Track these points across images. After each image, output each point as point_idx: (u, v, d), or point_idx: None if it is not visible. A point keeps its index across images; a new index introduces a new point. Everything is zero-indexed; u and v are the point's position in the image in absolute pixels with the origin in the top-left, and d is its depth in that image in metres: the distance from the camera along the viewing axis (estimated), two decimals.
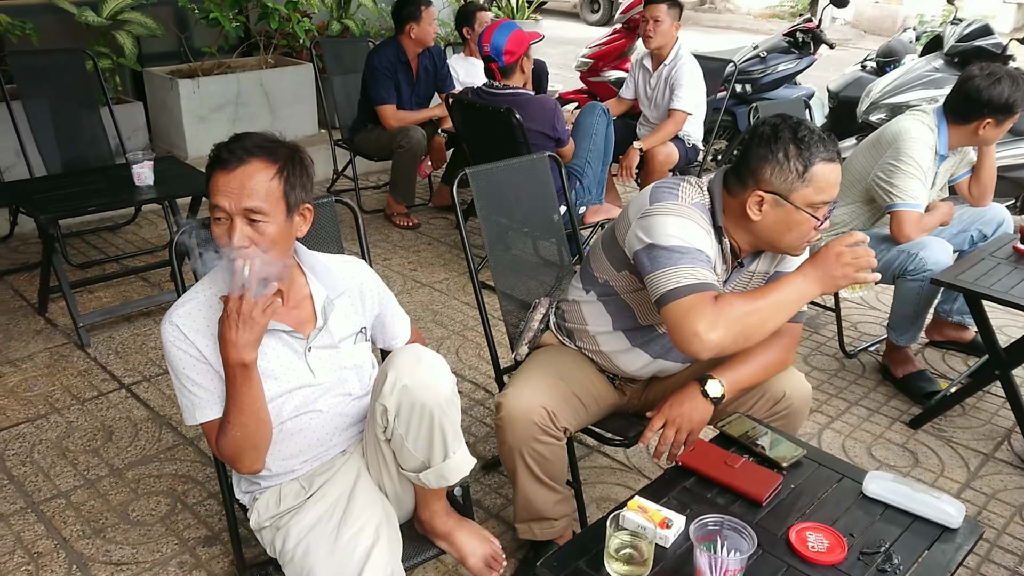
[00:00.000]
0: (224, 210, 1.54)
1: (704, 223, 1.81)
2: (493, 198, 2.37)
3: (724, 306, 1.69)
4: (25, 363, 3.11)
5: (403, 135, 4.39)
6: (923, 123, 2.94)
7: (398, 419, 1.56)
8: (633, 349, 2.05)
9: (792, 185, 1.73)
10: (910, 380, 3.09)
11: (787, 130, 1.73)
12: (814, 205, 1.74)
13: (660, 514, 1.48)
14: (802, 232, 1.77)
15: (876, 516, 1.55)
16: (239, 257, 1.53)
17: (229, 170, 1.54)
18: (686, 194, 1.84)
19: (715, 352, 1.70)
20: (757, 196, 1.77)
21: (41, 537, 2.25)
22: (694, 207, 1.82)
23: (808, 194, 1.73)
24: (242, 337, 1.52)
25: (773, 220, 1.77)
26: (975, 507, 2.48)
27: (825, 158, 1.72)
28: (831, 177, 1.74)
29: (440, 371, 1.57)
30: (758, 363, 1.92)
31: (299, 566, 1.59)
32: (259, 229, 1.55)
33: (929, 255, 2.85)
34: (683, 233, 1.76)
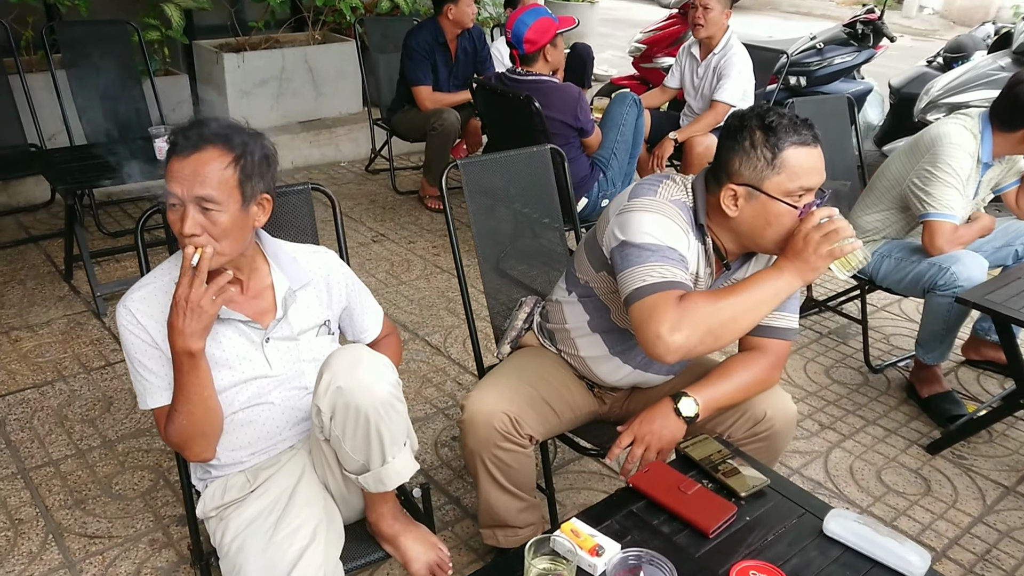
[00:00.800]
0: (177, 196, 1.51)
1: (681, 221, 1.71)
2: (485, 192, 2.30)
3: (689, 306, 1.58)
4: (42, 328, 3.19)
5: (437, 117, 4.34)
6: (965, 128, 2.74)
7: (334, 420, 1.51)
8: (612, 358, 1.96)
9: (763, 174, 1.62)
10: (935, 401, 2.91)
11: (754, 118, 1.62)
12: (791, 193, 1.62)
13: (592, 540, 1.40)
14: (783, 224, 1.64)
15: (832, 558, 1.44)
16: (189, 244, 1.51)
17: (184, 156, 1.51)
18: (666, 191, 1.74)
19: (681, 355, 1.59)
20: (730, 190, 1.66)
21: (25, 504, 2.30)
22: (672, 204, 1.72)
23: (782, 182, 1.61)
24: (189, 325, 1.50)
25: (750, 215, 1.66)
26: (985, 544, 2.32)
27: (796, 141, 1.60)
28: (806, 162, 1.61)
29: (379, 373, 1.51)
30: (738, 381, 1.81)
31: (232, 561, 1.57)
32: (211, 218, 1.52)
33: (961, 270, 2.66)
34: (655, 230, 1.67)
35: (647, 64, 5.96)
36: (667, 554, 1.41)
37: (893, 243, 2.99)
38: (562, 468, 2.56)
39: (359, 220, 4.50)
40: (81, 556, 2.13)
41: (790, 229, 1.63)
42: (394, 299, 3.56)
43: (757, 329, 1.86)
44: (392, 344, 1.97)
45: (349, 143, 5.49)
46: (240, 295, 1.67)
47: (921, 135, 2.87)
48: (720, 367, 1.83)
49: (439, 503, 2.39)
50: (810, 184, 1.62)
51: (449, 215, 2.22)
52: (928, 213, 2.72)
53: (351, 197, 4.84)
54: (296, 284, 1.71)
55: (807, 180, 1.61)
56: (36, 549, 2.14)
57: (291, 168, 5.27)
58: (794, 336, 1.88)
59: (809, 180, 1.61)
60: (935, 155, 2.74)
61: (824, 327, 3.53)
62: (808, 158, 1.61)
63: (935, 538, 2.34)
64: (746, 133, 1.62)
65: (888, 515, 2.42)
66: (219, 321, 1.63)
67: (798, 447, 2.71)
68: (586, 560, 1.37)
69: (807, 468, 2.61)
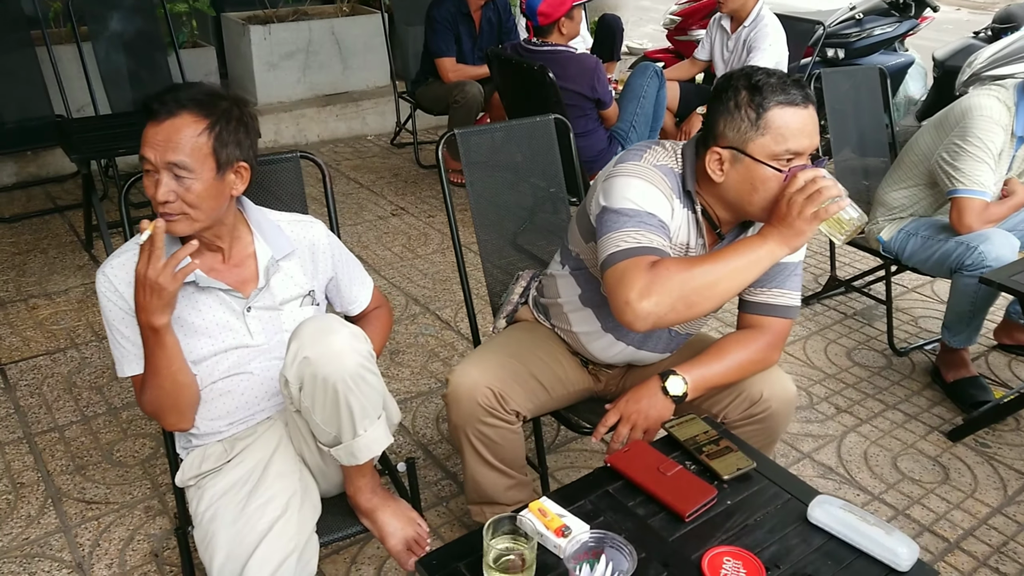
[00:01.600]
0: (150, 162, 1.49)
1: (665, 186, 1.63)
2: (484, 162, 2.24)
3: (660, 272, 1.49)
4: (60, 297, 3.23)
5: (459, 90, 4.28)
6: (999, 100, 2.60)
7: (303, 392, 1.48)
8: (605, 334, 1.90)
9: (747, 136, 1.53)
10: (960, 386, 2.78)
11: (742, 78, 1.54)
12: (777, 156, 1.53)
13: (560, 520, 1.35)
14: (769, 190, 1.55)
15: (814, 547, 1.36)
16: (146, 220, 1.48)
17: (158, 121, 1.49)
18: (652, 156, 1.67)
19: (651, 323, 1.51)
20: (715, 154, 1.58)
21: (28, 468, 2.33)
22: (656, 169, 1.64)
23: (766, 143, 1.52)
24: (151, 302, 1.47)
25: (735, 179, 1.58)
26: (1002, 536, 2.21)
27: (783, 101, 1.51)
28: (793, 122, 1.51)
29: (348, 344, 1.47)
30: (732, 361, 1.74)
31: (204, 530, 1.55)
32: (184, 185, 1.49)
33: (990, 249, 2.53)
34: (635, 195, 1.60)
35: (681, 36, 5.79)
36: (639, 537, 1.36)
37: (920, 221, 2.86)
38: (563, 446, 2.51)
39: (380, 194, 4.47)
40: (77, 521, 2.15)
41: (778, 195, 1.54)
42: (408, 273, 3.53)
43: (756, 307, 1.78)
44: (381, 317, 1.93)
45: (376, 116, 5.46)
46: (221, 263, 1.65)
47: (952, 107, 2.73)
48: (714, 345, 1.76)
49: (436, 478, 2.37)
50: (798, 147, 1.52)
51: (445, 186, 2.16)
52: (956, 189, 2.59)
53: (374, 171, 4.82)
54: (279, 253, 1.69)
55: (794, 143, 1.52)
56: (35, 513, 2.17)
57: (317, 141, 5.27)
58: (795, 315, 1.79)
59: (797, 143, 1.52)
60: (965, 128, 2.60)
61: (849, 308, 3.41)
62: (795, 119, 1.52)
63: (949, 528, 2.24)
64: (731, 93, 1.54)
65: (901, 503, 2.32)
66: (199, 289, 1.61)
67: (811, 431, 2.62)
68: (551, 541, 1.32)
69: (818, 453, 2.52)
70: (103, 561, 2.03)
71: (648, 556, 1.32)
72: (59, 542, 2.08)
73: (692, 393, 1.71)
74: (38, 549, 2.06)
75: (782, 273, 1.76)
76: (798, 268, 1.79)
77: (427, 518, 2.18)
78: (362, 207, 4.29)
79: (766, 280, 1.76)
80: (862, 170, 3.32)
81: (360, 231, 3.98)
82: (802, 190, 1.47)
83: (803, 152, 1.53)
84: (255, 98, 5.21)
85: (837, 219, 1.48)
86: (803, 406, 2.74)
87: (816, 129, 1.55)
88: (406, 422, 2.59)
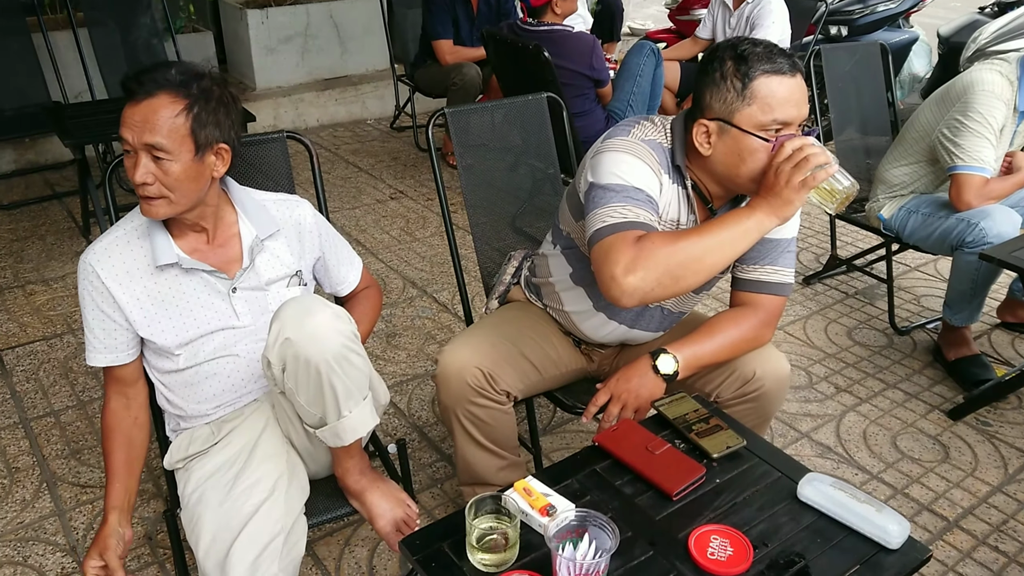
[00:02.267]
0: (129, 143, 1.47)
1: (653, 160, 1.60)
2: (475, 142, 2.22)
3: (646, 246, 1.46)
4: (57, 283, 3.23)
5: (457, 72, 4.24)
6: (1001, 74, 2.55)
7: (286, 373, 1.47)
8: (597, 313, 1.88)
9: (733, 106, 1.50)
10: (962, 365, 2.75)
11: (728, 49, 1.51)
12: (764, 127, 1.49)
13: (545, 499, 1.34)
14: (757, 161, 1.52)
15: (803, 525, 1.35)
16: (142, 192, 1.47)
17: (136, 102, 1.47)
18: (640, 131, 1.64)
19: (638, 298, 1.48)
20: (702, 126, 1.56)
21: (23, 453, 2.33)
22: (644, 144, 1.61)
23: (753, 113, 1.49)
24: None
25: (723, 151, 1.55)
26: (1002, 515, 2.19)
27: (769, 70, 1.48)
28: (779, 91, 1.48)
29: (330, 325, 1.45)
30: (724, 339, 1.72)
31: (191, 512, 1.55)
32: (163, 167, 1.48)
33: (991, 226, 2.49)
34: (622, 170, 1.57)
35: (683, 16, 5.73)
36: (626, 516, 1.35)
37: (921, 198, 2.82)
38: (559, 427, 2.50)
39: (379, 177, 4.45)
40: (72, 505, 2.15)
41: (766, 166, 1.51)
42: (406, 256, 3.51)
43: (748, 284, 1.76)
44: (370, 297, 1.91)
45: (375, 100, 5.42)
46: (205, 244, 1.64)
47: (953, 82, 2.69)
48: (706, 324, 1.73)
49: (430, 460, 2.36)
50: (785, 117, 1.49)
51: (436, 166, 2.14)
52: (956, 166, 2.55)
53: (373, 155, 4.79)
54: (263, 233, 1.67)
55: (781, 112, 1.49)
56: (29, 497, 2.17)
57: (316, 126, 5.25)
58: (788, 292, 1.77)
59: (784, 112, 1.49)
60: (967, 103, 2.56)
61: (850, 287, 3.38)
62: (782, 87, 1.48)
63: (948, 507, 2.22)
64: (717, 64, 1.51)
65: (900, 482, 2.30)
66: (183, 271, 1.59)
67: (810, 410, 2.60)
68: (536, 520, 1.31)
69: (817, 432, 2.49)
70: None
71: (634, 535, 1.31)
72: (53, 526, 2.08)
73: (683, 372, 1.69)
74: (32, 533, 2.06)
75: (775, 250, 1.73)
76: (791, 244, 1.76)
77: (421, 500, 2.18)
78: (361, 191, 4.27)
79: (758, 257, 1.73)
80: (864, 149, 3.28)
81: (358, 215, 3.97)
82: (789, 159, 1.44)
83: (791, 122, 1.50)
84: (253, 83, 5.19)
85: (829, 188, 1.45)
86: (802, 386, 2.72)
87: (804, 99, 1.52)
88: (401, 404, 2.58)
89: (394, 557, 2.01)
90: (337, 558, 2.02)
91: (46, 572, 1.95)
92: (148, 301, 1.58)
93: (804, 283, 3.40)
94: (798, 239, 3.78)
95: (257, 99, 5.00)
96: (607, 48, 4.61)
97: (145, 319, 1.58)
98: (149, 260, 1.57)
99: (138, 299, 1.57)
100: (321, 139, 5.00)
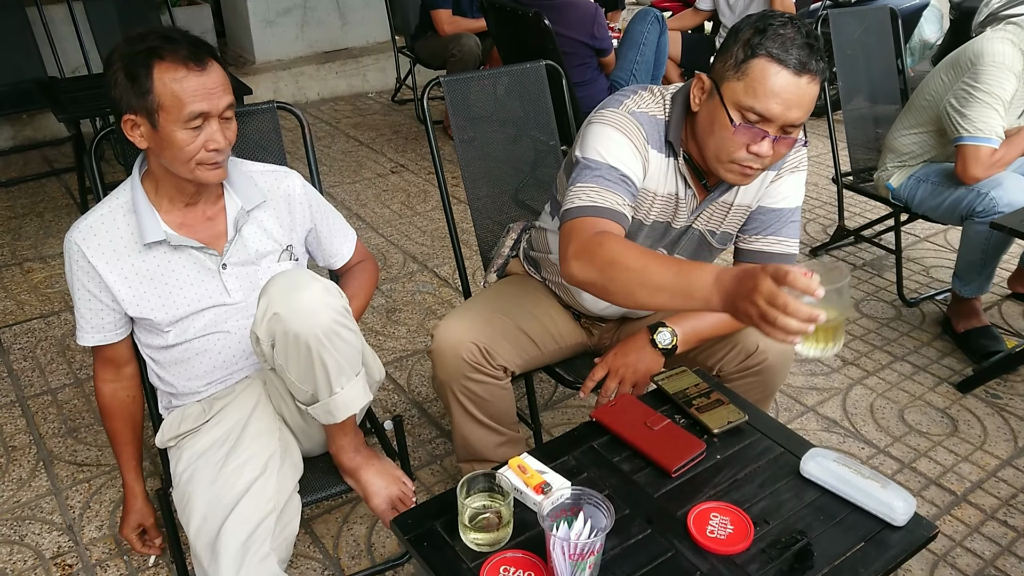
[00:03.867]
0: (207, 112, 1.42)
1: (638, 135, 1.55)
2: (472, 112, 2.16)
3: (603, 242, 1.37)
4: (55, 260, 3.20)
5: (455, 43, 4.17)
6: (1012, 42, 2.48)
7: (275, 350, 1.43)
8: None
9: (727, 73, 1.43)
10: (971, 336, 2.70)
11: (762, 19, 1.42)
12: (741, 108, 1.42)
13: (540, 477, 1.30)
14: (720, 140, 1.45)
15: (806, 501, 1.31)
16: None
17: (203, 70, 1.42)
18: (634, 102, 1.59)
19: (576, 284, 1.42)
20: (700, 80, 1.50)
21: (20, 431, 2.31)
22: (632, 117, 1.56)
23: (737, 90, 1.41)
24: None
25: (704, 114, 1.50)
26: (1011, 488, 2.15)
27: (775, 56, 1.38)
28: (771, 82, 1.38)
29: (320, 300, 1.41)
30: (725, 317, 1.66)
31: (182, 491, 1.53)
32: (230, 127, 1.49)
33: (1002, 195, 2.44)
34: (603, 146, 1.53)
35: None
36: (624, 494, 1.32)
37: (931, 167, 2.75)
38: (560, 403, 2.47)
39: (380, 151, 4.40)
40: (68, 483, 2.13)
41: (725, 149, 1.45)
42: (406, 230, 3.46)
43: (751, 255, 1.71)
44: (366, 270, 1.87)
45: (376, 73, 5.35)
46: (193, 219, 1.59)
47: (964, 49, 2.61)
48: None
49: (430, 436, 2.33)
50: (765, 110, 1.40)
51: (431, 136, 2.09)
52: (962, 136, 2.48)
53: (374, 128, 4.73)
54: (249, 204, 1.62)
55: (763, 104, 1.39)
56: (26, 476, 2.16)
57: (317, 100, 5.18)
58: (792, 263, 1.71)
59: (766, 105, 1.39)
60: (976, 74, 2.48)
61: (858, 259, 3.32)
62: (777, 79, 1.38)
63: (956, 481, 2.18)
64: (744, 26, 1.44)
65: (907, 456, 2.26)
66: (172, 248, 1.56)
67: (816, 384, 2.56)
68: (530, 498, 1.28)
69: (823, 406, 2.45)
70: (93, 523, 2.01)
71: (632, 513, 1.28)
72: (50, 504, 2.07)
73: (682, 345, 1.65)
74: (29, 512, 2.04)
75: (778, 220, 1.68)
76: (795, 214, 1.71)
77: (421, 477, 2.16)
78: (361, 165, 4.21)
79: (761, 227, 1.68)
80: (873, 118, 3.20)
81: (359, 189, 3.92)
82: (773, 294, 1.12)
83: (772, 119, 1.41)
84: (252, 56, 5.12)
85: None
86: (808, 359, 2.67)
87: (800, 103, 1.40)
88: (401, 380, 2.55)
89: (393, 535, 1.99)
90: (335, 536, 2.00)
91: (43, 551, 1.93)
92: (136, 280, 1.54)
93: (811, 255, 3.34)
94: (804, 209, 3.73)
95: (256, 73, 4.94)
96: (611, 16, 4.51)
97: (134, 298, 1.55)
98: (136, 237, 1.54)
99: (126, 277, 1.54)
100: (321, 113, 4.94)
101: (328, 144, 4.44)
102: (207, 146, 1.44)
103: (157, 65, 1.39)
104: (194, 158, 1.44)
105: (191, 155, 1.44)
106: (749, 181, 1.53)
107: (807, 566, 1.19)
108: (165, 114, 1.40)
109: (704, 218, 1.70)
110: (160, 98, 1.39)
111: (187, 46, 1.42)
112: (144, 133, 1.45)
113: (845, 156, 3.14)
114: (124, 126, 1.45)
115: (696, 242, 1.74)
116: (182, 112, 1.40)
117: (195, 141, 1.43)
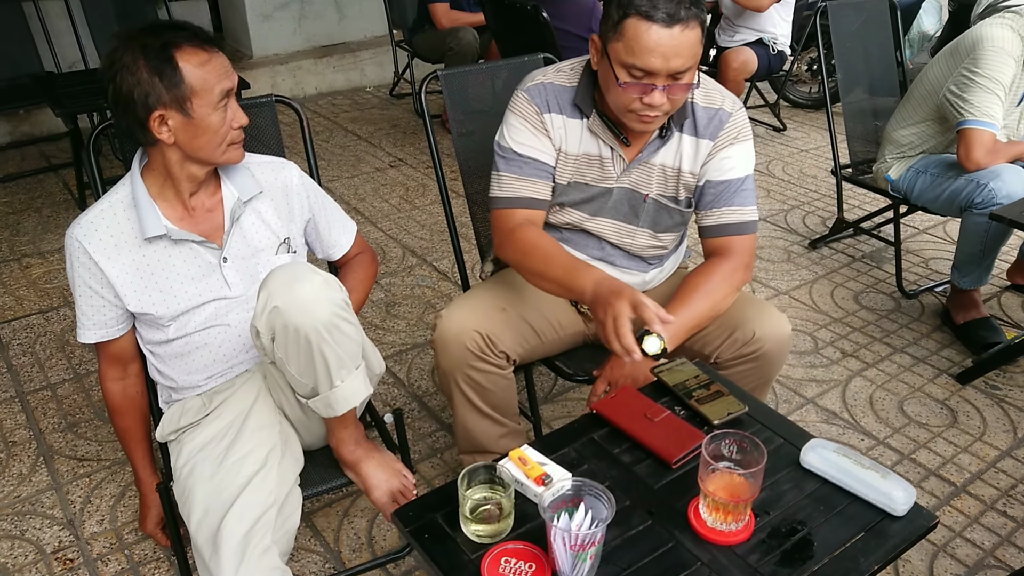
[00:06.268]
0: (657, 69, 1.46)
1: (529, 112, 1.69)
2: (468, 105, 2.15)
3: (519, 237, 1.64)
4: (53, 255, 3.20)
5: (453, 37, 4.16)
6: (1012, 29, 2.48)
7: (275, 343, 1.43)
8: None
9: (609, 35, 1.51)
10: (971, 328, 2.70)
11: None
12: (627, 67, 1.48)
13: (540, 468, 1.30)
14: (615, 95, 1.54)
15: (806, 492, 1.31)
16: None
17: (216, 50, 1.48)
18: (531, 77, 1.71)
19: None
20: (594, 42, 1.58)
21: (20, 427, 2.31)
22: (527, 92, 1.70)
23: (619, 50, 1.49)
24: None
25: (601, 73, 1.61)
26: (1011, 479, 2.16)
27: (645, 13, 1.43)
28: (646, 39, 1.44)
29: (320, 293, 1.40)
30: (703, 298, 1.66)
31: (183, 485, 1.53)
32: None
33: (1001, 186, 2.43)
34: (509, 133, 1.69)
35: None
36: (624, 485, 1.32)
37: (930, 158, 2.75)
38: (560, 396, 2.47)
39: (378, 145, 4.39)
40: (69, 478, 2.13)
41: (621, 102, 1.54)
42: (405, 224, 3.46)
43: (711, 230, 1.76)
44: (364, 264, 1.87)
45: (374, 67, 5.34)
46: (191, 213, 1.59)
47: (963, 37, 2.61)
48: (681, 287, 1.68)
49: (430, 429, 2.33)
50: (646, 65, 1.46)
51: (429, 129, 2.09)
52: (965, 120, 2.48)
53: (372, 122, 4.73)
54: (245, 195, 1.62)
55: (643, 60, 1.45)
56: (26, 471, 2.16)
57: (315, 94, 5.17)
58: (754, 229, 1.73)
59: (646, 61, 1.45)
60: (976, 59, 2.48)
61: (857, 251, 3.32)
62: (649, 36, 1.44)
63: (956, 472, 2.18)
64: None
65: (907, 447, 2.26)
66: (172, 243, 1.56)
67: (815, 376, 2.56)
68: (531, 490, 1.28)
69: (822, 398, 2.46)
70: (94, 518, 2.01)
71: (632, 504, 1.28)
72: (50, 499, 2.07)
73: (672, 343, 1.64)
74: (29, 507, 2.04)
75: (727, 191, 1.71)
76: (746, 183, 1.72)
77: (422, 470, 2.16)
78: (360, 159, 4.21)
79: (713, 201, 1.72)
80: (872, 111, 3.20)
81: (357, 183, 3.91)
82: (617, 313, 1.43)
83: (656, 72, 1.47)
84: (250, 51, 5.11)
85: None
86: (808, 351, 2.68)
87: (679, 51, 1.45)
88: (401, 374, 2.55)
89: (393, 528, 1.99)
90: (336, 529, 2.00)
91: (43, 546, 1.94)
92: (138, 275, 1.54)
93: (810, 247, 3.34)
94: (803, 202, 3.73)
95: (254, 67, 4.93)
96: None
97: (135, 292, 1.55)
98: (137, 232, 1.53)
99: (127, 272, 1.54)
100: (319, 107, 4.93)
101: (326, 138, 4.44)
102: (232, 124, 1.49)
103: (179, 55, 1.41)
104: (225, 139, 1.49)
105: (223, 136, 1.48)
106: (652, 127, 1.61)
107: (807, 556, 1.19)
108: (198, 99, 1.43)
109: (633, 178, 1.73)
110: (191, 84, 1.42)
111: (195, 31, 1.45)
112: (174, 125, 1.44)
113: (844, 148, 3.14)
114: (151, 124, 1.43)
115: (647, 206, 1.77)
116: (213, 93, 1.44)
117: (225, 122, 1.47)
